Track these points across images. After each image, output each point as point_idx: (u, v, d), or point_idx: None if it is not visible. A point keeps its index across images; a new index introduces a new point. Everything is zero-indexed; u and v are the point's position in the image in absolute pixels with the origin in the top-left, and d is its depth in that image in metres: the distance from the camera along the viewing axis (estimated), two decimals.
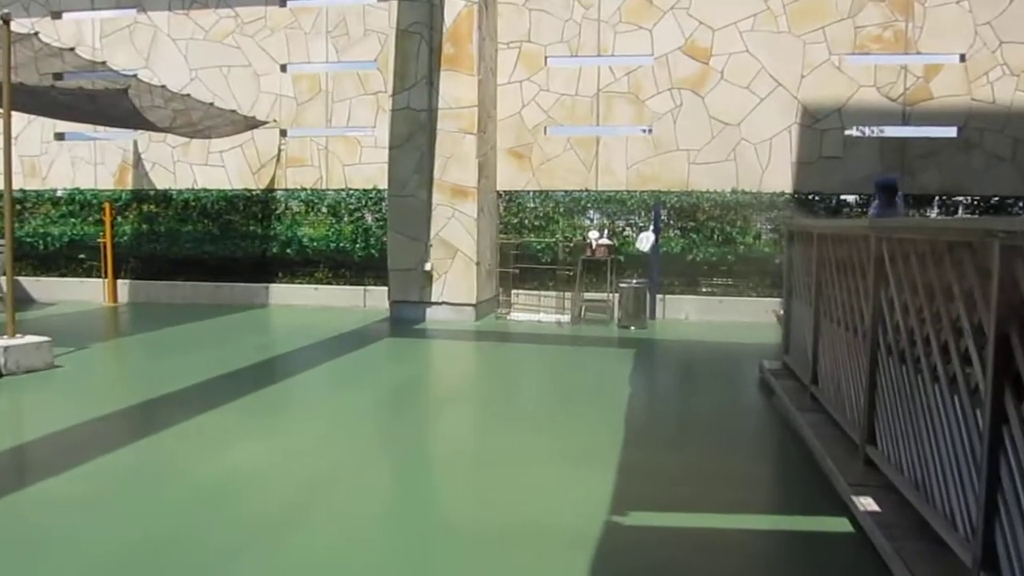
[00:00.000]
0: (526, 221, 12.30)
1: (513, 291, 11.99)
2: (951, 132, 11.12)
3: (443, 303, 11.24)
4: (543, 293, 11.91)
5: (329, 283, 12.97)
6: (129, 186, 13.59)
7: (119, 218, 13.42)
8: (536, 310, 11.71)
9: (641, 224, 11.80)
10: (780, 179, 11.47)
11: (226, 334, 10.17)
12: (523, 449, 5.30)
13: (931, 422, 3.38)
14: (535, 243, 12.02)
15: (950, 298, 3.19)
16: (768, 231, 11.52)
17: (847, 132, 11.34)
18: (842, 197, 11.47)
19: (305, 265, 13.05)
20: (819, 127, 11.36)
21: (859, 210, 11.24)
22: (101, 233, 13.16)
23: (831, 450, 4.67)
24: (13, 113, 7.72)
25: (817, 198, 11.41)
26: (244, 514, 4.02)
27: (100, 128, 13.25)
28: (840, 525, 3.88)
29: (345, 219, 12.70)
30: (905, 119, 11.18)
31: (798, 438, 5.40)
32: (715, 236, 11.54)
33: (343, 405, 6.56)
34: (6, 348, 7.16)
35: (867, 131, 11.51)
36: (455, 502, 4.36)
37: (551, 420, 6.26)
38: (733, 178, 11.57)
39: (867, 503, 3.84)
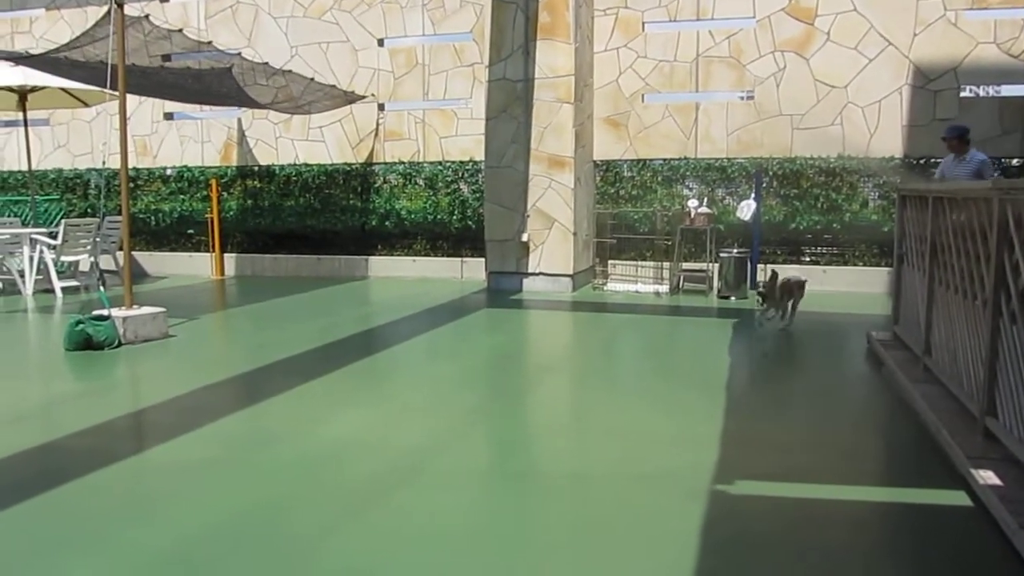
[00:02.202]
0: (623, 191, 12.15)
1: (610, 261, 11.87)
2: None
3: (540, 274, 11.23)
4: (640, 263, 11.75)
5: (427, 255, 13.12)
6: (234, 163, 14.00)
7: (225, 194, 13.85)
8: (633, 280, 11.58)
9: (742, 192, 11.51)
10: (889, 143, 10.99)
11: (329, 305, 10.41)
12: (624, 417, 5.25)
13: None
14: (632, 213, 11.87)
15: None
16: (876, 198, 11.09)
17: (963, 93, 10.78)
18: None
19: (403, 237, 13.23)
20: (932, 88, 10.82)
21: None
22: (208, 209, 13.61)
23: (947, 422, 4.48)
24: (126, 94, 7.98)
25: (930, 162, 10.90)
26: (353, 477, 4.10)
27: (206, 107, 13.68)
28: (957, 498, 3.71)
29: (442, 191, 12.80)
30: None
31: (910, 410, 5.19)
32: (819, 204, 11.17)
33: (444, 374, 6.63)
34: (125, 318, 7.48)
35: (981, 91, 10.92)
36: (557, 469, 4.34)
37: (651, 389, 6.19)
38: (839, 143, 11.15)
39: (987, 476, 3.66)
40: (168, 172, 14.29)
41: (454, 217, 12.70)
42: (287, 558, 3.15)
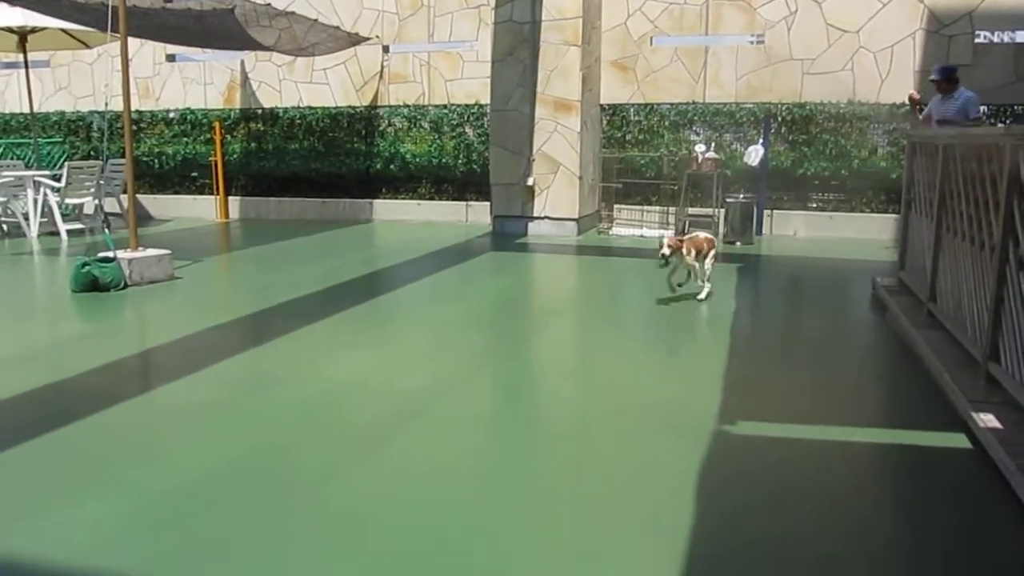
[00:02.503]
0: (629, 135, 12.03)
1: (616, 206, 11.81)
2: None
3: (545, 218, 11.18)
4: (646, 208, 11.70)
5: (431, 199, 13.07)
6: (237, 105, 13.88)
7: (228, 137, 13.75)
8: (639, 225, 11.53)
9: (750, 138, 11.39)
10: (901, 89, 10.82)
11: (333, 248, 10.40)
12: (628, 361, 5.27)
13: None
14: (639, 157, 11.77)
15: None
16: (885, 144, 10.96)
17: (977, 39, 10.58)
18: None
19: (408, 181, 13.16)
20: (946, 33, 10.62)
21: (990, 121, 10.54)
22: (212, 152, 13.52)
23: (949, 366, 4.49)
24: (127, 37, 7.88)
25: None
26: (356, 421, 4.13)
27: (208, 49, 13.50)
28: (957, 441, 3.75)
29: (447, 135, 12.69)
30: None
31: (913, 355, 5.20)
32: (828, 150, 11.05)
33: (448, 317, 6.64)
34: (130, 260, 7.50)
35: (996, 37, 10.71)
36: (560, 412, 4.37)
37: (656, 333, 6.21)
38: (850, 89, 10.99)
39: (988, 419, 3.68)
40: (171, 115, 14.18)
41: (459, 161, 12.61)
42: (289, 501, 3.18)
